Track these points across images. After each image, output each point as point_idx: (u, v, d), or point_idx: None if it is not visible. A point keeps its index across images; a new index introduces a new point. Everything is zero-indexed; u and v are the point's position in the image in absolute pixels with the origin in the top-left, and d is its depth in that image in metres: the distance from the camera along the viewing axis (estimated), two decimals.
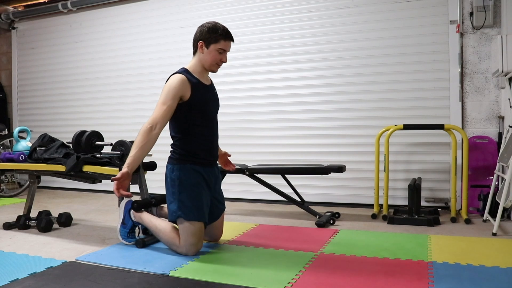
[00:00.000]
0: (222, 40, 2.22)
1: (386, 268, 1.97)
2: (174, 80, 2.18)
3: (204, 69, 2.29)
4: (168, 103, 2.14)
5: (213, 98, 2.38)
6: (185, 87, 2.18)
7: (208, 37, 2.21)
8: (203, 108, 2.26)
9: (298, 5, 3.99)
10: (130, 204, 2.43)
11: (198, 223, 2.18)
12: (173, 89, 2.15)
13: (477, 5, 3.37)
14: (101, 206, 3.90)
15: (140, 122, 4.55)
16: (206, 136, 2.30)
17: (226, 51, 2.26)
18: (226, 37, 2.23)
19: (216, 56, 2.24)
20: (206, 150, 2.30)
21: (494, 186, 3.08)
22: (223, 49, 2.24)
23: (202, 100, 2.25)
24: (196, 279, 1.85)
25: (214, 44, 2.21)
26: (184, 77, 2.19)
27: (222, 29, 2.22)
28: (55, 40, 5.17)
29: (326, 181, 3.81)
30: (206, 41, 2.22)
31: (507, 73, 2.89)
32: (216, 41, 2.21)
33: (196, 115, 2.24)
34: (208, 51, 2.23)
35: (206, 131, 2.30)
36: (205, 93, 2.29)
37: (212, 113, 2.36)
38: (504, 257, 2.14)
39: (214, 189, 2.36)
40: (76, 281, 1.83)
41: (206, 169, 2.29)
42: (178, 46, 4.48)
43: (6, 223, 2.88)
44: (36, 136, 3.09)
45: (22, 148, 3.06)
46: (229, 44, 2.27)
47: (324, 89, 3.91)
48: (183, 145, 2.26)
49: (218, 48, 2.22)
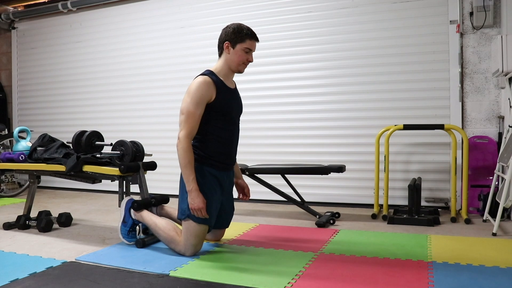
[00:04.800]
0: (248, 39, 2.22)
1: (386, 268, 1.97)
2: (200, 83, 2.14)
3: (230, 71, 2.28)
4: (199, 111, 2.14)
5: (237, 102, 2.36)
6: (210, 90, 2.16)
7: (234, 37, 2.21)
8: (225, 112, 2.24)
9: (298, 5, 3.99)
10: (131, 203, 2.43)
11: (203, 226, 2.19)
12: (199, 95, 2.13)
13: (477, 5, 3.37)
14: (101, 206, 3.90)
15: (140, 122, 4.64)
16: (226, 140, 2.28)
17: (252, 51, 2.26)
18: (252, 36, 2.24)
19: (243, 55, 2.23)
20: (225, 154, 2.28)
21: (494, 186, 3.08)
22: (249, 48, 2.24)
23: (225, 104, 2.23)
24: (196, 279, 1.85)
25: (240, 43, 2.21)
26: (209, 79, 2.17)
27: (247, 29, 2.24)
28: (55, 40, 5.18)
29: (326, 181, 3.81)
30: (232, 41, 2.22)
31: (507, 73, 2.89)
32: (242, 40, 2.21)
33: (218, 118, 2.22)
34: (235, 51, 2.23)
35: (227, 135, 2.28)
36: (229, 96, 2.27)
37: (234, 117, 2.33)
38: (504, 257, 2.14)
39: (226, 192, 2.35)
40: (76, 281, 1.83)
41: (222, 173, 2.28)
42: (178, 46, 4.48)
43: (6, 223, 2.88)
44: (36, 136, 3.09)
45: (22, 148, 3.05)
46: (255, 43, 2.27)
47: (324, 89, 3.91)
48: (202, 146, 2.23)
49: (244, 47, 2.22)
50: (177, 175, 4.35)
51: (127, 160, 2.52)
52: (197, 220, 2.15)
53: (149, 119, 4.58)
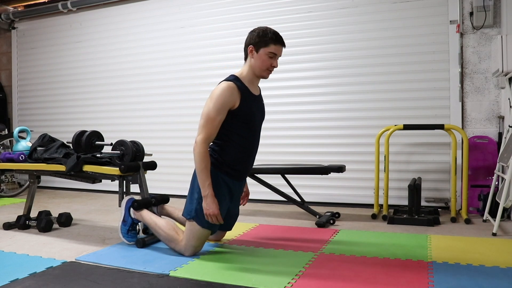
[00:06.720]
0: (272, 44, 2.14)
1: (386, 268, 1.97)
2: (224, 89, 2.09)
3: (255, 76, 2.22)
4: (219, 118, 2.09)
5: (260, 109, 2.31)
6: (234, 97, 2.11)
7: (258, 41, 2.15)
8: (248, 119, 2.20)
9: (298, 5, 3.99)
10: (131, 202, 2.43)
11: (207, 230, 2.18)
12: (222, 101, 2.07)
13: (477, 5, 3.37)
14: (101, 206, 3.90)
15: (140, 122, 4.63)
16: (246, 149, 2.24)
17: (277, 56, 2.19)
18: (277, 41, 2.16)
19: (267, 60, 2.16)
20: (242, 164, 2.24)
21: (494, 186, 3.08)
22: (274, 53, 2.16)
23: (248, 111, 2.18)
24: (196, 279, 1.85)
25: (264, 48, 2.14)
26: (234, 85, 2.12)
27: (272, 33, 2.15)
28: (55, 40, 5.17)
29: (326, 181, 3.81)
30: (256, 46, 2.15)
31: (507, 73, 2.89)
32: (266, 44, 2.14)
33: (239, 125, 2.17)
34: (258, 56, 2.16)
35: (247, 143, 2.23)
36: (253, 104, 2.22)
37: (256, 126, 2.29)
38: (504, 257, 2.14)
39: (235, 199, 2.34)
40: (76, 281, 1.83)
41: (234, 183, 2.25)
42: (178, 46, 4.49)
43: (6, 223, 2.88)
44: (36, 136, 3.09)
45: (22, 148, 3.05)
46: (280, 48, 2.19)
47: (324, 89, 3.91)
48: (221, 152, 2.19)
49: (268, 52, 2.15)
50: (177, 175, 4.33)
51: (127, 160, 2.52)
52: (201, 224, 2.15)
53: (149, 119, 4.58)
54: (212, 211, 2.08)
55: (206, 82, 4.32)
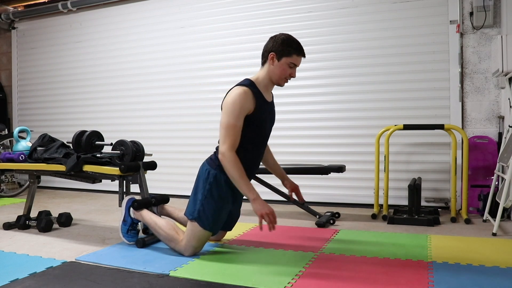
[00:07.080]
0: (295, 54, 2.13)
1: (386, 268, 1.97)
2: (240, 95, 2.07)
3: (270, 83, 2.20)
4: (239, 123, 2.06)
5: (271, 116, 2.29)
6: (249, 102, 2.08)
7: (281, 50, 2.11)
8: (259, 126, 2.18)
9: (298, 5, 3.99)
10: (131, 202, 2.43)
11: (208, 232, 2.18)
12: (239, 107, 2.05)
13: (477, 5, 3.37)
14: (101, 206, 3.90)
15: (140, 122, 4.63)
16: (253, 153, 2.23)
17: (296, 66, 2.17)
18: (300, 52, 2.14)
19: (286, 70, 2.15)
20: (248, 167, 2.20)
21: (494, 186, 3.08)
22: (294, 63, 2.14)
23: (260, 118, 2.16)
24: (196, 279, 1.85)
25: (286, 57, 2.12)
26: (249, 90, 2.09)
27: (296, 43, 2.14)
28: (55, 40, 5.17)
29: (326, 181, 3.81)
30: (279, 53, 2.12)
31: (507, 73, 2.89)
32: (289, 54, 2.12)
33: (250, 131, 2.14)
34: (279, 64, 2.13)
35: (255, 149, 2.23)
36: (265, 110, 2.20)
37: (267, 132, 2.28)
38: (504, 257, 2.14)
39: (237, 202, 2.34)
40: (76, 281, 1.83)
41: None
42: (178, 46, 4.49)
43: (6, 223, 2.88)
44: (36, 136, 3.09)
45: (22, 148, 3.05)
46: (301, 59, 2.18)
47: (324, 89, 3.91)
48: None
49: (289, 62, 2.13)
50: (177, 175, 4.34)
51: (127, 160, 2.52)
52: (203, 226, 2.15)
53: (149, 119, 4.58)
54: (266, 211, 2.01)
55: (206, 82, 4.32)
